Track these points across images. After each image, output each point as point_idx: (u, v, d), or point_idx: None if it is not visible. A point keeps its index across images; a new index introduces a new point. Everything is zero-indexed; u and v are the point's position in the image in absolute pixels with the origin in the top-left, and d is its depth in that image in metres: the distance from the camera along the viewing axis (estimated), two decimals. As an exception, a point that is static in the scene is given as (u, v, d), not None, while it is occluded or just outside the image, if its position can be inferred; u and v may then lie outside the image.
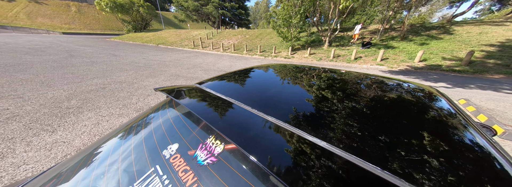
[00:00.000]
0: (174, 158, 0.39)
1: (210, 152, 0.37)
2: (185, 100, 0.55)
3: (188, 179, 0.34)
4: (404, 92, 0.65)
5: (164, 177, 0.36)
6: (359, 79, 0.79)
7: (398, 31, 10.52)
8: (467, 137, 0.40)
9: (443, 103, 0.58)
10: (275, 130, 0.38)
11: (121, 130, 0.56)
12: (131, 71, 4.98)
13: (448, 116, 0.49)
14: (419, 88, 0.70)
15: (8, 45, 9.14)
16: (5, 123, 1.95)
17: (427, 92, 0.66)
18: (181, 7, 25.58)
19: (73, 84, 3.50)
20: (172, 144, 0.42)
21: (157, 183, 0.35)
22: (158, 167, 0.38)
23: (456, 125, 0.44)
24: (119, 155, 0.45)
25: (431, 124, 0.44)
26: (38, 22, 27.40)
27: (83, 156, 0.49)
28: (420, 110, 0.53)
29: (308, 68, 1.00)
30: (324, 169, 0.27)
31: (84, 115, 2.27)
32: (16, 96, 2.72)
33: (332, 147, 0.32)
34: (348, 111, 0.47)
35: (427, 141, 0.35)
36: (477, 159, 0.33)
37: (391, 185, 0.25)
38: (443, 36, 9.08)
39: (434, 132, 0.39)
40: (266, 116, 0.43)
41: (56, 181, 0.42)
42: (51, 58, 6.15)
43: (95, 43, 14.05)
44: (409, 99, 0.60)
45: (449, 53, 7.71)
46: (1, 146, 1.59)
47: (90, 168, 0.44)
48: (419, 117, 0.48)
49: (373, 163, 0.28)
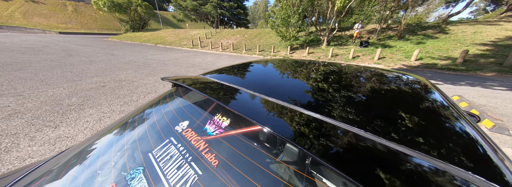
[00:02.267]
0: (186, 131, 0.45)
1: (218, 126, 0.43)
2: (192, 85, 0.60)
3: (200, 146, 0.40)
4: (392, 77, 0.71)
5: (179, 145, 0.42)
6: (353, 70, 0.85)
7: (395, 30, 10.66)
8: (450, 115, 0.45)
9: (429, 88, 0.63)
10: (272, 105, 0.44)
11: (133, 114, 0.61)
12: (130, 70, 4.98)
13: (433, 98, 0.55)
14: (408, 76, 0.76)
15: (4, 45, 9.03)
16: (7, 119, 1.97)
17: (415, 79, 0.72)
18: (179, 6, 25.49)
19: (72, 82, 3.50)
20: (183, 121, 0.48)
21: (173, 150, 0.41)
22: (172, 139, 0.44)
23: (440, 105, 0.50)
24: (135, 132, 0.50)
25: (415, 101, 0.50)
26: (34, 22, 27.01)
27: (100, 135, 0.54)
28: (407, 90, 0.59)
29: (306, 62, 1.06)
30: (315, 130, 0.33)
31: (85, 111, 2.29)
32: (16, 94, 2.73)
33: (324, 117, 0.38)
34: (336, 91, 0.52)
35: (411, 115, 0.41)
36: (457, 131, 0.38)
37: (378, 144, 0.31)
38: (439, 36, 9.25)
39: (418, 108, 0.45)
40: (266, 97, 0.49)
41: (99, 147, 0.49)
42: (49, 58, 6.12)
43: (93, 42, 13.94)
44: (395, 81, 0.66)
45: (444, 52, 7.86)
46: (5, 141, 1.61)
47: (118, 142, 0.51)
48: (405, 96, 0.53)
49: (362, 129, 0.34)
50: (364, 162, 0.27)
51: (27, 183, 0.43)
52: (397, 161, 0.27)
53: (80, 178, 0.40)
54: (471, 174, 0.25)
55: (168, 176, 0.35)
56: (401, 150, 0.29)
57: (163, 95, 0.69)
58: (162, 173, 0.36)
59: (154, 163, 0.39)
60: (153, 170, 0.37)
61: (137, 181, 0.36)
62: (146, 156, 0.41)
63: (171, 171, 0.36)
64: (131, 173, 0.38)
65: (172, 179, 0.35)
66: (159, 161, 0.39)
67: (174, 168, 0.36)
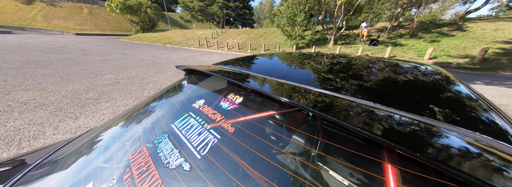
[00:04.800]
0: (202, 107, 0.50)
1: (231, 102, 0.48)
2: (206, 70, 0.65)
3: (217, 118, 0.45)
4: (409, 67, 0.69)
5: (197, 117, 0.47)
6: (365, 59, 0.85)
7: (406, 28, 10.24)
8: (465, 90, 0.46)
9: (441, 72, 0.62)
10: (282, 85, 0.48)
11: (152, 97, 0.67)
12: (140, 68, 5.20)
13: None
14: (427, 66, 0.73)
15: (28, 45, 9.75)
16: (34, 111, 2.15)
17: (425, 67, 0.70)
18: (187, 7, 26.13)
19: (89, 79, 3.73)
20: (199, 100, 0.52)
21: (193, 121, 0.46)
22: (191, 113, 0.49)
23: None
24: (156, 109, 0.56)
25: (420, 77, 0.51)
26: (53, 24, 28.86)
27: (128, 113, 0.61)
28: (418, 73, 0.59)
29: (314, 54, 1.07)
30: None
31: (101, 105, 2.44)
32: (40, 88, 2.96)
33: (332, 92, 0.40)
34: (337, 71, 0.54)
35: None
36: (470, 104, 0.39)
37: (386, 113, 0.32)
38: (455, 33, 8.76)
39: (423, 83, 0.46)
40: (274, 78, 0.52)
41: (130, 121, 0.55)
42: (67, 57, 6.53)
43: (106, 43, 14.65)
44: (412, 71, 0.64)
45: (461, 50, 7.44)
46: (33, 129, 1.77)
47: (142, 118, 0.58)
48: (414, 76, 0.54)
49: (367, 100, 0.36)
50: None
51: (79, 146, 0.50)
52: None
53: (114, 144, 0.46)
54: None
55: (190, 140, 0.40)
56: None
57: (178, 81, 0.75)
58: (185, 138, 0.41)
59: (177, 131, 0.44)
60: (177, 136, 0.43)
61: (164, 144, 0.42)
62: (169, 126, 0.47)
63: (192, 136, 0.41)
64: (157, 138, 0.43)
65: (194, 142, 0.40)
66: (181, 129, 0.45)
67: (195, 134, 0.41)
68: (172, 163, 0.36)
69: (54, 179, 0.42)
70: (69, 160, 0.46)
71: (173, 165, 0.35)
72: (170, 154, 0.38)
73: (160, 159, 0.38)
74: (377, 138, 0.24)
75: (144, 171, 0.35)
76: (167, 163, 0.36)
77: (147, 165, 0.36)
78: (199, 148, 0.37)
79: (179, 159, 0.36)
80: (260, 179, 0.30)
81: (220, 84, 0.62)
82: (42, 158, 0.52)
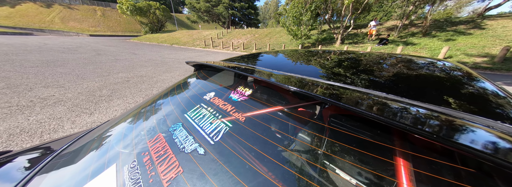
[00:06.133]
0: (213, 99, 0.52)
1: (241, 94, 0.49)
2: (215, 64, 0.67)
3: (228, 108, 0.47)
4: (416, 59, 0.66)
5: (209, 108, 0.49)
6: (368, 54, 0.84)
7: (419, 27, 9.81)
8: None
9: (456, 66, 0.59)
10: (283, 77, 0.48)
11: (164, 91, 0.70)
12: (149, 67, 5.38)
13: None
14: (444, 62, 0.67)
15: (47, 46, 10.39)
16: (53, 106, 2.30)
17: (443, 63, 0.64)
18: (193, 8, 26.66)
19: (102, 77, 3.92)
20: (209, 92, 0.55)
21: (205, 111, 0.49)
22: (202, 104, 0.52)
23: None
24: (169, 101, 0.59)
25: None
26: (69, 26, 30.53)
27: (144, 105, 0.65)
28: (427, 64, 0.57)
29: (320, 50, 1.07)
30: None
31: (113, 102, 2.56)
32: (58, 86, 3.16)
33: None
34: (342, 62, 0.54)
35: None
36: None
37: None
38: (473, 32, 8.27)
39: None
40: (282, 72, 0.53)
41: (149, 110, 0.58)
42: (82, 56, 6.89)
43: (117, 43, 15.28)
44: (428, 66, 0.59)
45: (479, 49, 7.02)
46: (53, 123, 1.89)
47: (156, 109, 0.62)
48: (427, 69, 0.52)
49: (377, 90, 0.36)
50: None
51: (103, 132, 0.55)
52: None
53: (132, 132, 0.50)
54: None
55: (203, 128, 0.43)
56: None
57: (188, 77, 0.78)
58: (198, 126, 0.44)
59: (190, 120, 0.47)
60: (190, 124, 0.45)
61: (179, 131, 0.44)
62: (182, 116, 0.50)
63: (205, 125, 0.43)
64: (172, 127, 0.46)
65: (207, 129, 0.42)
66: (193, 118, 0.47)
67: (207, 123, 0.43)
68: (188, 148, 0.38)
69: (79, 162, 0.45)
70: (92, 146, 0.50)
71: (188, 150, 0.37)
72: (185, 140, 0.40)
73: (176, 144, 0.40)
74: (400, 125, 0.21)
75: (161, 155, 0.38)
76: (182, 147, 0.38)
77: (164, 149, 0.39)
78: (212, 135, 0.39)
79: (194, 144, 0.38)
80: (272, 163, 0.31)
81: (228, 79, 0.64)
82: (67, 145, 0.56)
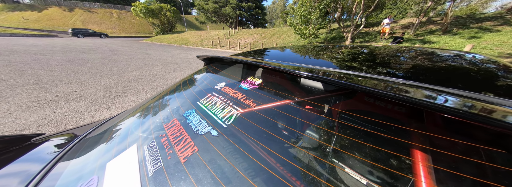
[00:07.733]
0: (224, 88, 0.55)
1: (251, 84, 0.51)
2: (225, 57, 0.70)
3: (239, 96, 0.49)
4: (440, 52, 0.61)
5: (220, 96, 0.52)
6: (383, 48, 0.81)
7: (438, 24, 9.19)
8: None
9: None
10: (291, 68, 0.49)
11: (176, 83, 0.74)
12: (160, 66, 5.62)
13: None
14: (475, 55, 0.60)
15: (69, 46, 11.24)
16: (76, 101, 2.49)
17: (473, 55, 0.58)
18: (202, 9, 27.30)
19: (118, 75, 4.16)
20: (220, 83, 0.57)
21: (216, 99, 0.52)
22: (214, 93, 0.55)
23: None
24: (182, 91, 0.63)
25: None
26: (89, 28, 32.76)
27: (159, 97, 0.70)
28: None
29: (330, 45, 1.06)
30: None
31: (128, 98, 2.72)
32: (79, 82, 3.41)
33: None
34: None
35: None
36: None
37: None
38: (501, 28, 7.58)
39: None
40: (291, 63, 0.54)
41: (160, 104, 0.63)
42: (100, 56, 7.36)
43: (131, 44, 16.10)
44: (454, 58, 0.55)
45: (509, 47, 6.42)
46: (75, 116, 2.05)
47: (171, 98, 0.66)
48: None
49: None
50: None
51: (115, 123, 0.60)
52: None
53: (149, 119, 0.54)
54: None
55: (215, 113, 0.46)
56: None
57: (199, 70, 0.82)
58: (210, 112, 0.47)
59: (202, 107, 0.50)
60: (203, 110, 0.48)
61: (192, 116, 0.48)
62: (195, 103, 0.53)
63: (217, 111, 0.46)
64: (186, 113, 0.49)
65: (219, 115, 0.45)
66: (206, 105, 0.50)
67: (219, 109, 0.46)
68: (202, 130, 0.41)
69: (103, 144, 0.50)
70: (113, 130, 0.55)
71: (202, 132, 0.40)
72: (198, 123, 0.43)
73: (190, 127, 0.43)
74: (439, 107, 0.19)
75: (177, 136, 0.41)
76: (197, 130, 0.41)
77: (179, 131, 0.42)
78: (224, 119, 0.42)
79: (207, 127, 0.41)
80: (284, 144, 0.33)
81: (237, 71, 0.67)
82: (91, 129, 0.62)
